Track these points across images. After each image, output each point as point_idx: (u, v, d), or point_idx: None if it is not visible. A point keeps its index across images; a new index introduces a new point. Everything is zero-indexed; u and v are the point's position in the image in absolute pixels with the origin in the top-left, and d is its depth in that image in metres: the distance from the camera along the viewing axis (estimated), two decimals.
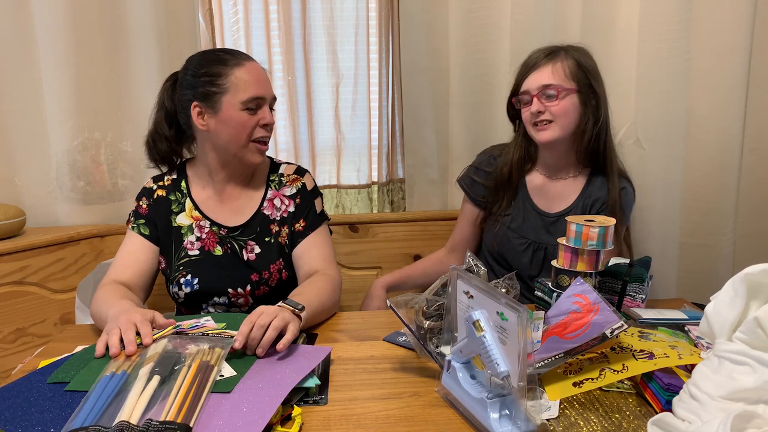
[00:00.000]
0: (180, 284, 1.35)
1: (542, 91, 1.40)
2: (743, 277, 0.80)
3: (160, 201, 1.40)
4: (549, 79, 1.40)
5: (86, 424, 0.81)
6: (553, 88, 1.39)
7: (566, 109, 1.41)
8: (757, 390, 0.73)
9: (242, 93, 1.29)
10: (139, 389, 0.89)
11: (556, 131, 1.42)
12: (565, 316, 1.01)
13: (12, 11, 1.67)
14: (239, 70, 1.30)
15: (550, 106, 1.40)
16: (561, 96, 1.39)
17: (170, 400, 0.87)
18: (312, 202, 1.43)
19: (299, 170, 1.46)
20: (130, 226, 1.39)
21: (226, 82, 1.29)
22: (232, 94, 1.29)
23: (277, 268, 1.39)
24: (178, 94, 1.35)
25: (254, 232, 1.39)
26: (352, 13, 1.88)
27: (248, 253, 1.38)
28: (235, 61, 1.31)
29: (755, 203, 1.84)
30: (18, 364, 1.10)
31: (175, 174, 1.43)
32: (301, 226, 1.40)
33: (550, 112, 1.41)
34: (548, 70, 1.41)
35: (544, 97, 1.40)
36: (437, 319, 1.04)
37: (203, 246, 1.38)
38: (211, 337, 1.05)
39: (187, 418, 0.83)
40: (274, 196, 1.42)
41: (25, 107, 1.72)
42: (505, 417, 0.83)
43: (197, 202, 1.40)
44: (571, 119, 1.42)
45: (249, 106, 1.30)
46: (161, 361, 0.96)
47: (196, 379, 0.92)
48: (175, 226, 1.39)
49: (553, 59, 1.42)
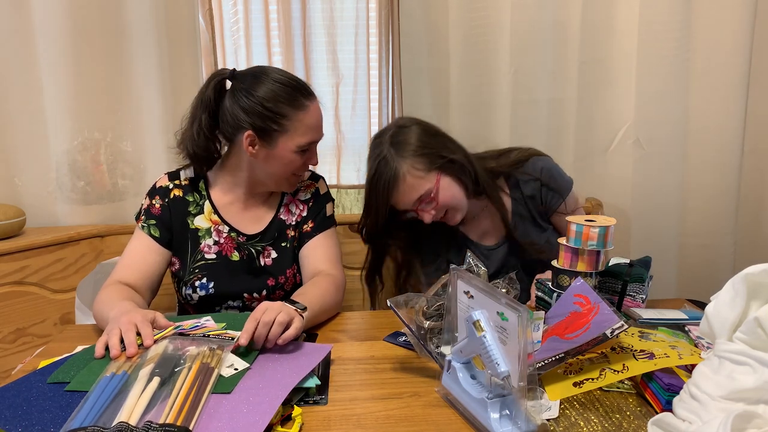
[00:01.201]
0: (195, 287, 1.34)
1: (417, 205, 1.35)
2: (743, 277, 0.80)
3: (176, 201, 1.37)
4: (413, 194, 1.33)
5: (85, 424, 0.81)
6: (425, 197, 1.34)
7: (450, 194, 1.36)
8: (757, 390, 0.73)
9: (300, 137, 1.29)
10: (139, 390, 0.88)
11: (459, 213, 1.39)
12: (565, 316, 1.01)
13: (12, 11, 1.67)
14: (305, 115, 1.28)
15: (434, 206, 1.35)
16: (436, 193, 1.34)
17: (170, 402, 0.86)
18: (323, 206, 1.44)
19: (314, 176, 1.48)
20: (140, 224, 1.35)
21: (289, 124, 1.27)
22: (290, 135, 1.28)
23: (292, 273, 1.40)
24: (231, 107, 1.28)
25: (272, 237, 1.39)
26: (352, 13, 1.88)
27: (265, 258, 1.38)
28: (300, 103, 1.28)
29: (755, 203, 1.84)
30: (18, 364, 1.10)
31: (192, 173, 1.40)
32: (309, 227, 1.41)
33: (440, 208, 1.36)
34: (404, 188, 1.33)
35: (424, 205, 1.35)
36: (437, 319, 1.04)
37: (221, 250, 1.37)
38: (212, 339, 1.05)
39: (187, 420, 0.82)
40: (290, 202, 1.43)
41: (25, 107, 1.72)
42: (506, 417, 0.83)
43: (217, 205, 1.38)
44: (459, 194, 1.38)
45: (304, 149, 1.31)
46: (161, 363, 0.96)
47: (196, 381, 0.92)
48: (192, 228, 1.37)
49: (398, 177, 1.32)
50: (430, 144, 1.36)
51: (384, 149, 1.34)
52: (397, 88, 1.92)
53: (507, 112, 1.81)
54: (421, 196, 1.34)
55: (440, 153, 1.36)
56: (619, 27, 1.75)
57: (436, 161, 1.35)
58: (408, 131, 1.37)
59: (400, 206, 1.37)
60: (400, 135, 1.36)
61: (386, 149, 1.34)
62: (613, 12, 1.76)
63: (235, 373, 0.96)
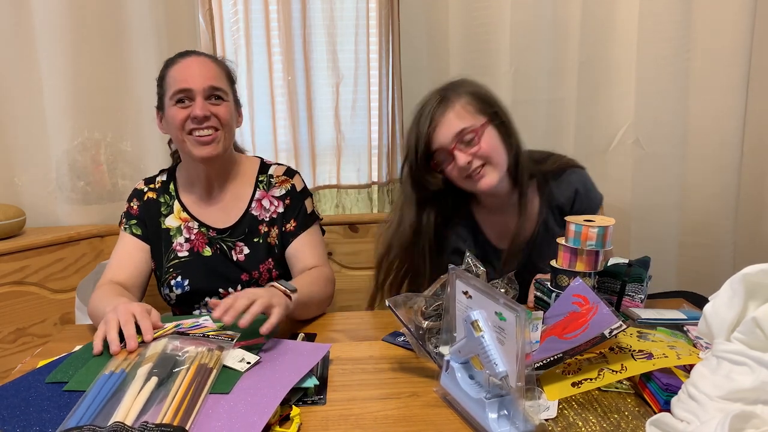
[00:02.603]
0: (171, 286, 1.36)
1: (458, 140, 1.25)
2: (742, 278, 0.79)
3: (150, 203, 1.41)
4: (458, 124, 1.25)
5: (81, 423, 0.81)
6: (468, 131, 1.25)
7: (493, 145, 1.27)
8: (755, 390, 0.73)
9: (170, 89, 1.30)
10: (136, 390, 0.88)
11: (495, 173, 1.28)
12: (563, 316, 1.01)
13: (12, 11, 1.67)
14: (173, 68, 1.32)
15: (474, 151, 1.26)
16: (480, 135, 1.26)
17: (167, 402, 0.86)
18: (302, 203, 1.43)
19: (289, 171, 1.45)
20: (122, 227, 1.40)
21: (165, 83, 1.33)
22: (168, 93, 1.31)
23: (266, 268, 1.39)
24: None
25: (243, 233, 1.39)
26: (352, 13, 1.88)
27: (237, 254, 1.38)
28: (173, 59, 1.34)
29: (755, 203, 1.84)
30: (18, 364, 1.10)
31: (165, 176, 1.45)
32: (292, 227, 1.41)
33: (479, 156, 1.26)
34: (451, 116, 1.26)
35: (463, 146, 1.25)
36: (436, 319, 1.04)
37: (192, 247, 1.38)
38: (211, 339, 1.05)
39: (184, 420, 0.82)
40: (263, 197, 1.42)
41: (25, 107, 1.72)
42: (504, 417, 0.83)
43: (185, 204, 1.41)
44: (501, 152, 1.29)
45: (177, 98, 1.29)
46: (160, 363, 0.96)
47: (194, 382, 0.91)
48: (164, 228, 1.40)
49: (448, 104, 1.26)
50: (488, 97, 1.31)
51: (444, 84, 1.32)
52: (397, 88, 1.92)
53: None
54: (465, 128, 1.24)
55: (495, 108, 1.30)
56: (619, 27, 1.75)
57: (489, 110, 1.28)
58: (466, 81, 1.33)
59: (440, 139, 1.26)
60: (457, 82, 1.33)
61: (440, 89, 1.31)
62: (613, 12, 1.76)
63: (248, 366, 0.97)
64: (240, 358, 0.99)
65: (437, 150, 1.28)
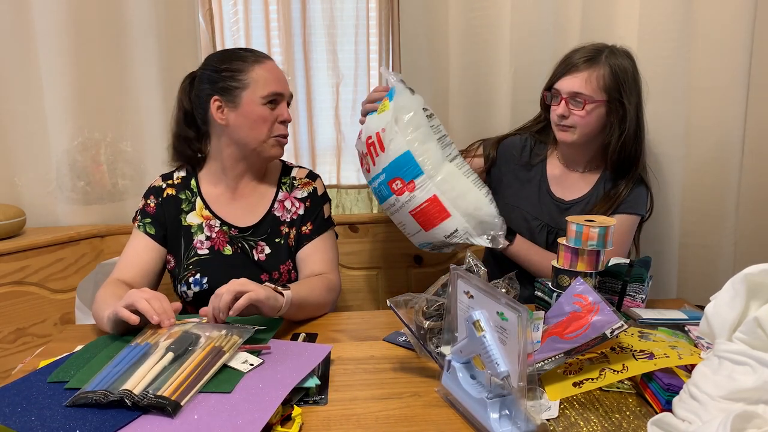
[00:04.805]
0: (189, 283, 1.35)
1: (571, 97, 1.40)
2: (743, 277, 0.80)
3: (169, 200, 1.40)
4: (581, 87, 1.39)
5: (98, 388, 0.88)
6: (582, 97, 1.39)
7: (589, 121, 1.41)
8: (757, 390, 0.73)
9: (262, 89, 1.32)
10: (153, 362, 0.95)
11: (575, 137, 1.44)
12: (565, 316, 1.02)
13: (12, 11, 1.67)
14: (259, 67, 1.33)
15: (575, 112, 1.41)
16: (588, 106, 1.39)
17: (173, 377, 0.91)
18: (321, 207, 1.45)
19: (311, 174, 1.48)
20: (136, 224, 1.39)
21: (247, 78, 1.32)
22: (252, 89, 1.32)
23: (286, 269, 1.40)
24: (197, 89, 1.37)
25: (265, 233, 1.40)
26: (352, 13, 1.88)
27: (258, 254, 1.39)
28: (255, 58, 1.35)
29: (755, 203, 1.84)
30: (18, 364, 1.10)
31: (184, 172, 1.44)
32: (308, 229, 1.42)
33: (574, 120, 1.41)
34: (583, 77, 1.39)
35: (572, 103, 1.41)
36: (437, 319, 1.04)
37: (213, 245, 1.38)
38: (233, 326, 1.08)
39: (181, 397, 0.87)
40: (285, 198, 1.43)
41: (25, 107, 1.72)
42: (505, 417, 0.83)
43: (208, 200, 1.41)
44: (593, 129, 1.43)
45: (269, 100, 1.33)
46: (179, 340, 1.01)
47: (204, 361, 0.95)
48: (185, 225, 1.39)
49: (591, 66, 1.40)
50: (624, 81, 1.41)
51: (607, 45, 1.44)
52: None
53: (507, 112, 1.81)
54: (581, 94, 1.39)
55: (623, 96, 1.41)
56: (619, 27, 1.75)
57: (615, 93, 1.40)
58: (620, 54, 1.43)
59: (562, 83, 1.42)
60: (617, 50, 1.44)
61: (598, 48, 1.43)
62: (613, 12, 1.75)
63: (251, 368, 0.98)
64: (243, 360, 1.00)
65: (555, 91, 1.45)
